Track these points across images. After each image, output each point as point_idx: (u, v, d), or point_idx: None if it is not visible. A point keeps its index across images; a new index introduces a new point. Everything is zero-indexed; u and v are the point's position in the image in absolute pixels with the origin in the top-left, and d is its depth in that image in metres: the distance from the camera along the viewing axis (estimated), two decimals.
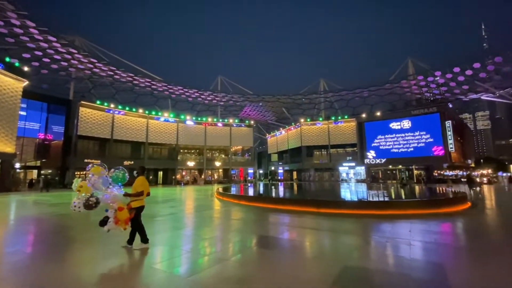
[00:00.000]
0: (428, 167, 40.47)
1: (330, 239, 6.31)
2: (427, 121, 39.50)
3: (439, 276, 3.71)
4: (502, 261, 4.45)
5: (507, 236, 6.47)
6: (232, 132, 47.59)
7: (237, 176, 48.45)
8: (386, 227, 7.32)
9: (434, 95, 40.64)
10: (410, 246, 5.21)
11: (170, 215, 9.94)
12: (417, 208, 9.51)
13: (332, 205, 10.29)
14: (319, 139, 49.20)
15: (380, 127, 43.73)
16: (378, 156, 43.32)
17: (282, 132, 57.40)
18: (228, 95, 45.09)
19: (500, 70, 29.15)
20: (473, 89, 34.42)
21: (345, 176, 46.75)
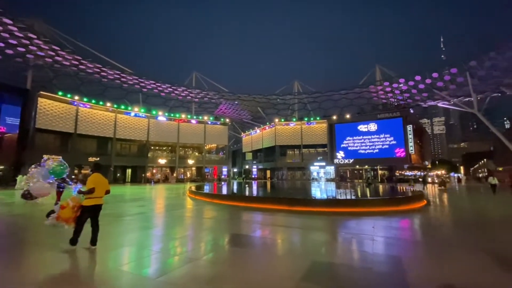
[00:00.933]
0: (391, 167, 43.59)
1: (301, 236, 6.52)
2: (391, 124, 42.45)
3: (397, 268, 4.04)
4: (453, 252, 4.95)
5: (456, 230, 7.21)
6: (206, 130, 46.81)
7: (210, 175, 47.80)
8: (352, 224, 7.75)
9: (398, 100, 43.66)
10: (373, 241, 5.58)
11: (139, 214, 9.55)
12: (380, 206, 10.18)
13: (303, 203, 10.62)
14: (293, 139, 50.37)
15: (349, 129, 46.02)
16: (347, 157, 45.56)
17: (257, 131, 57.78)
18: (203, 91, 44.16)
19: (455, 80, 32.17)
20: (431, 96, 37.51)
21: (316, 175, 48.42)
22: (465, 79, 30.82)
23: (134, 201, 13.97)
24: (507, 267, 4.00)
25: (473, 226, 7.68)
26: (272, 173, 52.26)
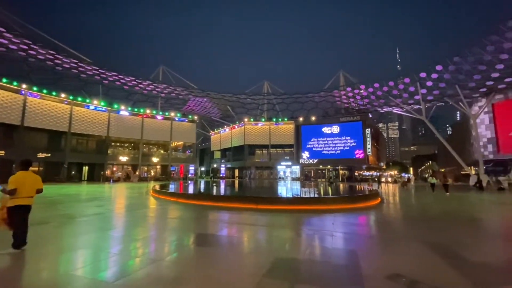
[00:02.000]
0: (351, 167, 46.71)
1: (266, 233, 6.69)
2: (352, 127, 45.48)
3: (353, 261, 4.39)
4: (400, 244, 5.51)
5: (404, 224, 8.01)
6: (173, 127, 45.18)
7: (176, 173, 46.27)
8: (315, 221, 8.17)
9: (359, 105, 46.78)
10: (332, 237, 5.96)
11: (96, 215, 8.92)
12: (340, 204, 10.87)
13: (270, 201, 10.89)
14: (261, 139, 51.07)
15: (314, 130, 48.20)
16: (311, 157, 47.64)
17: (226, 129, 57.40)
18: (171, 87, 42.49)
19: (408, 89, 35.50)
20: (387, 103, 40.92)
21: (282, 175, 49.73)
22: (416, 89, 34.16)
23: (91, 201, 12.98)
24: (444, 255, 4.58)
25: (417, 220, 8.60)
26: (240, 172, 52.40)
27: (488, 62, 26.57)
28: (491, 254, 4.93)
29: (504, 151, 32.59)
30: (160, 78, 47.24)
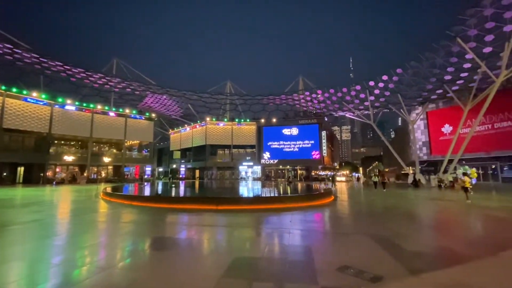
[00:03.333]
0: (308, 167, 49.24)
1: (226, 234, 6.71)
2: (310, 130, 48.11)
3: (308, 256, 4.67)
4: (349, 238, 6.02)
5: (353, 220, 8.75)
6: (128, 124, 42.14)
7: (131, 174, 43.28)
8: (274, 219, 8.44)
9: (316, 109, 49.49)
10: (290, 234, 6.25)
11: (34, 222, 7.91)
12: (298, 202, 11.40)
13: (231, 201, 10.91)
14: (223, 139, 50.68)
15: (275, 132, 49.69)
16: (272, 157, 48.97)
17: (187, 129, 55.60)
18: (126, 81, 39.45)
19: (359, 96, 38.74)
20: (341, 108, 44.05)
21: (244, 175, 50.06)
22: (366, 96, 37.45)
23: (27, 206, 11.44)
24: (386, 245, 5.14)
25: (363, 215, 9.48)
26: (201, 172, 51.25)
27: (424, 75, 30.42)
28: (424, 243, 5.70)
29: (435, 153, 37.70)
30: (113, 71, 43.70)
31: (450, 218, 9.20)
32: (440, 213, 10.41)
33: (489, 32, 22.72)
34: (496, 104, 27.75)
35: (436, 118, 38.42)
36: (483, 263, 4.12)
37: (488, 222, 8.18)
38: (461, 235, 6.49)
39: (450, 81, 30.39)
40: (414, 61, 29.33)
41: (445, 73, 29.02)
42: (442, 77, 29.96)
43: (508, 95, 29.70)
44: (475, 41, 23.80)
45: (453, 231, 7.12)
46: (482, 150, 32.31)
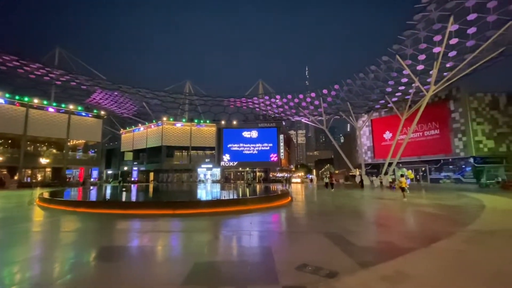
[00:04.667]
0: (266, 169, 50.42)
1: (184, 239, 6.46)
2: (268, 133, 49.43)
3: (268, 256, 4.76)
4: (306, 237, 6.31)
5: (308, 219, 9.20)
6: (72, 122, 37.64)
7: (74, 178, 38.74)
8: (234, 222, 8.42)
9: (274, 113, 51.12)
10: (250, 236, 6.30)
11: None
12: (257, 204, 11.56)
13: (188, 205, 10.53)
14: (181, 140, 48.73)
15: (235, 134, 49.73)
16: (232, 159, 48.87)
17: (141, 128, 52.05)
18: (71, 74, 35.20)
19: (313, 102, 41.17)
20: (297, 113, 46.24)
21: (202, 177, 48.88)
22: (319, 103, 39.98)
23: None
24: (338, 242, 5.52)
25: (317, 214, 10.06)
26: (156, 175, 48.35)
27: (369, 86, 33.77)
28: (370, 238, 6.29)
29: (378, 157, 42.01)
30: (56, 61, 38.77)
31: (390, 215, 10.32)
32: (382, 210, 11.62)
33: (422, 52, 26.33)
34: (426, 115, 32.17)
35: (379, 125, 42.88)
36: (419, 254, 4.73)
37: (421, 217, 9.41)
38: (400, 230, 7.33)
39: (390, 93, 34.30)
40: (362, 73, 32.36)
41: (386, 85, 32.68)
42: (384, 89, 33.65)
43: (436, 107, 34.71)
44: (411, 59, 27.34)
45: (394, 226, 8.00)
46: (415, 154, 37.06)
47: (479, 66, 25.46)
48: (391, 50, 27.19)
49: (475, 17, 21.19)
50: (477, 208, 10.78)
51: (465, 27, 22.31)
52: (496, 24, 21.03)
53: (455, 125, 33.26)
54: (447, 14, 21.92)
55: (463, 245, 5.27)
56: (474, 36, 22.72)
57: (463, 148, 32.38)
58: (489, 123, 31.93)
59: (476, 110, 32.30)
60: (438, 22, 22.86)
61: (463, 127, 32.53)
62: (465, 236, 6.07)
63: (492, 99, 32.44)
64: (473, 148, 31.45)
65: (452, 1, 20.74)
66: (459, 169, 33.40)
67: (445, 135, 34.44)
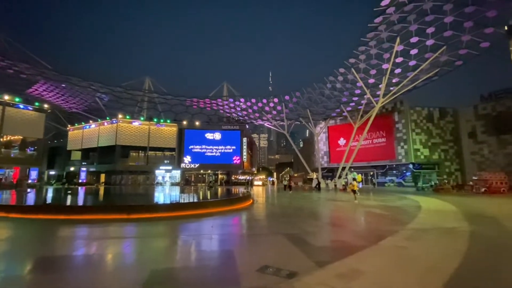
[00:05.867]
0: (229, 172, 50.09)
1: (138, 245, 6.05)
2: (232, 135, 49.29)
3: (229, 260, 4.73)
4: (268, 239, 6.42)
5: (268, 221, 9.39)
6: (6, 115, 32.60)
7: (7, 179, 33.58)
8: (194, 226, 8.17)
9: (238, 116, 51.23)
10: (211, 240, 6.19)
11: None
12: (219, 206, 11.41)
13: (145, 209, 9.90)
14: (138, 140, 45.69)
15: (197, 135, 48.48)
16: (193, 161, 47.46)
17: (92, 125, 47.50)
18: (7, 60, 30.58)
19: (276, 107, 42.41)
20: (261, 117, 47.12)
21: (161, 179, 46.48)
22: (282, 108, 41.35)
23: None
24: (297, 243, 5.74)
25: (278, 216, 10.34)
26: (108, 177, 44.42)
27: (327, 95, 36.06)
28: (326, 238, 6.67)
29: (333, 161, 44.86)
30: None
31: (344, 216, 11.09)
32: (337, 211, 12.43)
33: (373, 67, 29.02)
34: (375, 124, 35.44)
35: (334, 132, 45.90)
36: (369, 251, 5.16)
37: (370, 217, 10.29)
38: (352, 230, 7.92)
39: (345, 103, 37.08)
40: (321, 83, 34.42)
41: (342, 95, 35.26)
42: (340, 99, 36.25)
43: (383, 118, 38.45)
44: (364, 72, 29.95)
45: (347, 226, 8.62)
46: (365, 160, 40.48)
47: (419, 83, 29.04)
48: (347, 63, 29.47)
49: (417, 40, 24.17)
50: (415, 209, 12.20)
51: (408, 48, 25.29)
52: (433, 48, 24.27)
53: (399, 135, 37.28)
54: (394, 35, 24.60)
55: (405, 242, 5.91)
56: (416, 57, 25.90)
57: (404, 155, 36.41)
58: (425, 133, 36.49)
59: (415, 122, 36.66)
60: (387, 42, 25.51)
61: (404, 136, 36.61)
62: (406, 234, 6.81)
63: (428, 113, 37.18)
64: (412, 156, 35.57)
65: (399, 24, 23.37)
66: (401, 174, 37.43)
67: (390, 143, 38.36)
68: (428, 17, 21.77)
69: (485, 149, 33.53)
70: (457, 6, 20.30)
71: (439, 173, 35.04)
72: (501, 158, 31.99)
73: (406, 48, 25.42)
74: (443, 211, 11.43)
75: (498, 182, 22.04)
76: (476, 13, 20.19)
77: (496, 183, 21.95)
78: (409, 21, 22.79)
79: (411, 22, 22.81)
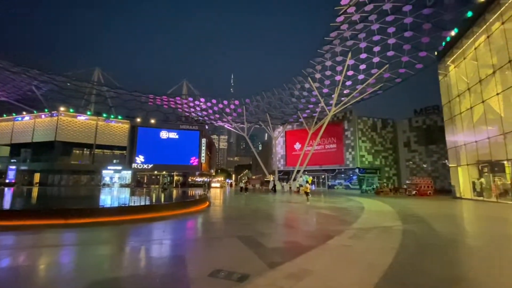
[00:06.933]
0: (185, 173, 48.37)
1: (77, 254, 5.46)
2: (190, 136, 47.77)
3: (180, 265, 4.57)
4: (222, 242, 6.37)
5: (224, 223, 9.33)
6: None
7: None
8: (144, 230, 7.69)
9: (198, 116, 49.91)
10: (162, 245, 5.90)
11: None
12: (173, 210, 10.93)
13: (86, 213, 8.95)
14: (83, 136, 41.21)
15: (152, 133, 45.76)
16: (147, 162, 44.61)
17: (26, 117, 41.36)
18: None
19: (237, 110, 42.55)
20: (221, 118, 46.72)
21: (108, 180, 42.63)
22: (242, 111, 41.66)
23: None
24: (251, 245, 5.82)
25: (233, 218, 10.36)
26: (44, 176, 38.99)
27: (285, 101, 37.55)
28: (280, 239, 6.89)
29: (289, 164, 46.74)
30: None
31: (297, 217, 11.62)
32: (290, 213, 12.96)
33: (327, 78, 31.16)
34: (328, 131, 38.07)
35: (291, 137, 47.95)
36: (318, 251, 5.50)
37: (320, 218, 10.97)
38: (304, 230, 8.35)
39: (302, 109, 39.05)
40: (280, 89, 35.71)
41: (299, 102, 37.08)
42: (297, 105, 38.05)
43: (335, 126, 41.49)
44: (319, 82, 31.96)
45: (299, 227, 9.04)
46: (318, 164, 43.08)
47: (366, 95, 32.12)
48: (305, 72, 31.14)
49: (365, 56, 26.74)
50: (359, 210, 13.40)
51: (358, 63, 27.83)
52: (379, 65, 27.11)
53: (347, 141, 40.64)
54: (347, 50, 26.83)
55: (349, 241, 6.45)
56: (364, 71, 28.62)
57: (352, 160, 39.78)
58: (369, 141, 40.46)
59: (362, 131, 40.43)
60: (340, 55, 27.68)
61: (352, 143, 40.06)
62: (350, 233, 7.43)
63: (373, 122, 41.34)
64: (358, 161, 39.08)
65: (351, 41, 25.59)
66: (348, 178, 40.77)
67: (340, 149, 41.57)
68: (375, 36, 24.31)
69: (416, 157, 38.60)
70: (399, 30, 23.09)
71: (380, 177, 39.09)
72: (428, 165, 37.14)
73: (356, 63, 27.94)
74: (382, 212, 12.77)
75: (425, 186, 25.48)
76: (414, 38, 23.23)
77: (424, 187, 25.35)
78: (360, 38, 25.13)
79: (361, 40, 25.19)
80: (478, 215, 12.81)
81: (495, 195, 17.59)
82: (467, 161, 20.71)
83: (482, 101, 18.32)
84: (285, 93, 35.83)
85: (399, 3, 20.74)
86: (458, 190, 21.78)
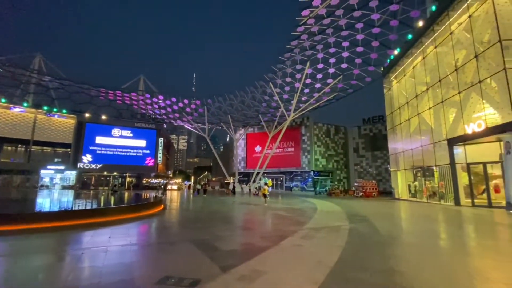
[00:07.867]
0: (139, 175, 45.40)
1: (6, 266, 4.75)
2: (146, 134, 45.03)
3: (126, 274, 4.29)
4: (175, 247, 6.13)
5: (179, 228, 9.02)
6: None
7: None
8: (86, 237, 7.02)
9: (155, 114, 47.31)
10: (106, 253, 5.45)
11: None
12: (123, 214, 10.18)
13: (17, 219, 7.82)
14: (17, 131, 35.91)
15: (103, 131, 42.01)
16: (95, 161, 40.74)
17: None
18: None
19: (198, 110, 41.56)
20: (181, 117, 45.08)
21: (47, 181, 37.79)
22: (204, 111, 40.85)
23: None
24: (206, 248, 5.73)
25: (189, 222, 10.09)
26: None
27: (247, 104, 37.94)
28: (235, 242, 6.92)
29: (249, 166, 47.22)
30: None
31: (254, 219, 11.79)
32: (248, 215, 13.09)
33: (288, 84, 32.41)
34: (287, 135, 39.55)
35: (252, 139, 48.57)
36: (271, 251, 5.66)
37: (276, 219, 11.30)
38: (260, 232, 8.51)
39: (263, 113, 39.91)
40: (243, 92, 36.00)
41: (260, 106, 37.84)
42: (258, 109, 38.77)
43: (293, 130, 43.26)
44: (280, 88, 33.08)
45: (255, 229, 9.20)
46: (276, 166, 44.38)
47: (322, 103, 34.24)
48: (266, 77, 31.95)
49: (322, 66, 28.53)
50: (312, 211, 14.17)
51: (316, 72, 29.55)
52: (334, 76, 29.14)
53: (304, 146, 42.72)
54: (306, 59, 28.30)
55: (301, 241, 6.78)
56: (321, 80, 30.49)
57: (307, 163, 41.90)
58: (323, 146, 43.15)
59: (317, 136, 42.94)
60: (300, 64, 29.07)
61: (308, 147, 42.25)
62: (303, 233, 7.82)
63: (327, 129, 44.22)
64: (313, 164, 41.35)
65: (310, 51, 27.08)
66: (304, 180, 42.80)
67: (297, 153, 43.48)
68: (331, 49, 26.14)
69: (364, 161, 42.41)
70: (352, 45, 25.20)
71: (332, 179, 41.92)
72: (374, 169, 41.04)
73: (314, 72, 29.63)
74: (332, 212, 13.70)
75: (371, 188, 28.08)
76: (364, 53, 25.57)
77: (370, 189, 27.92)
78: (318, 49, 26.76)
79: (319, 50, 26.84)
80: (412, 214, 14.57)
81: (426, 196, 20.25)
82: (404, 166, 23.47)
83: (418, 114, 21.00)
84: (247, 96, 36.23)
85: (352, 20, 22.70)
86: (397, 192, 24.50)
